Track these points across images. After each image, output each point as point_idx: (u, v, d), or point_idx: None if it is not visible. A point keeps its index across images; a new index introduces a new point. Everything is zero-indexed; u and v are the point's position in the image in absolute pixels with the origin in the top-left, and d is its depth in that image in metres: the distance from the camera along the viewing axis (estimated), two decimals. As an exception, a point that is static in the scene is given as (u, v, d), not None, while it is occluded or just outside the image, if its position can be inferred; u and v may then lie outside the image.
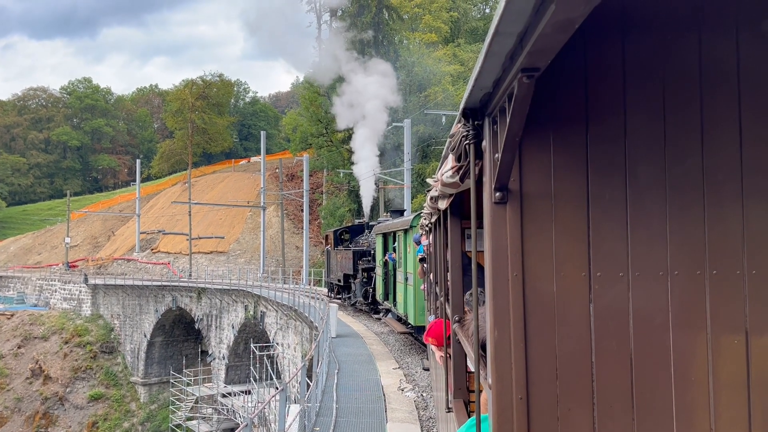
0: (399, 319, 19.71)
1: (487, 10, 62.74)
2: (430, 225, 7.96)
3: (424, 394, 13.07)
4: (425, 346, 16.00)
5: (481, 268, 2.87)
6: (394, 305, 19.62)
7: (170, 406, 42.36)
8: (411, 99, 40.18)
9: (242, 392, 36.68)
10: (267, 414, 30.58)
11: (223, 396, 39.14)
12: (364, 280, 25.45)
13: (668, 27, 2.46)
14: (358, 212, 43.32)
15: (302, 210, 47.70)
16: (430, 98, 39.90)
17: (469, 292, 4.59)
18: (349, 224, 36.38)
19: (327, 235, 34.82)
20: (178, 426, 41.15)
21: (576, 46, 2.33)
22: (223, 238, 62.46)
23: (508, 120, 2.08)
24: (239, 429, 7.70)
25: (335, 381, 13.76)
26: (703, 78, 2.45)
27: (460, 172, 2.96)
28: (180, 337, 50.08)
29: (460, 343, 4.38)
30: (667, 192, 2.45)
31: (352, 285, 28.12)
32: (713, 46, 2.46)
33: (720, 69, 2.46)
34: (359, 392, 13.05)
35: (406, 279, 16.74)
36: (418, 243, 10.94)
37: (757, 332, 2.42)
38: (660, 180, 2.45)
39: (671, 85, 2.45)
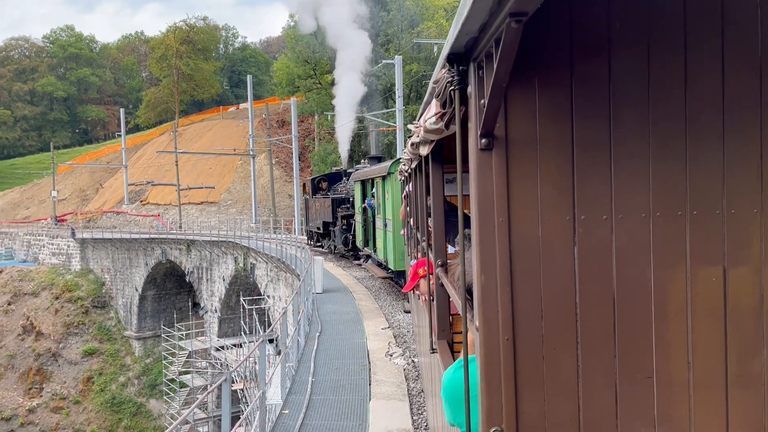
0: (379, 265, 19.94)
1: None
2: (410, 171, 7.52)
3: (416, 360, 11.65)
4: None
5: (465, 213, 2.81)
6: (374, 251, 19.84)
7: (163, 361, 41.60)
8: (402, 36, 37.76)
9: (234, 346, 35.85)
10: (257, 369, 29.65)
11: (216, 350, 38.32)
12: (344, 227, 25.48)
13: None
14: (351, 158, 41.53)
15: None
16: (423, 34, 37.51)
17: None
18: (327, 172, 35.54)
19: (304, 184, 34.26)
20: (172, 380, 40.49)
21: None
22: (214, 188, 60.77)
23: (495, 66, 2.10)
24: (215, 384, 7.65)
25: (315, 346, 12.30)
26: (687, 18, 2.43)
27: (445, 118, 2.92)
28: (172, 290, 49.11)
29: (443, 286, 4.42)
30: (650, 134, 2.45)
31: (332, 233, 28.06)
32: None
33: (704, 8, 2.45)
34: (342, 360, 11.61)
35: (385, 225, 16.79)
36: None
37: (734, 269, 2.47)
38: (643, 122, 2.44)
39: (655, 27, 2.43)
